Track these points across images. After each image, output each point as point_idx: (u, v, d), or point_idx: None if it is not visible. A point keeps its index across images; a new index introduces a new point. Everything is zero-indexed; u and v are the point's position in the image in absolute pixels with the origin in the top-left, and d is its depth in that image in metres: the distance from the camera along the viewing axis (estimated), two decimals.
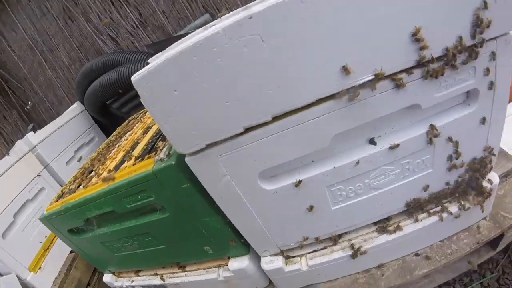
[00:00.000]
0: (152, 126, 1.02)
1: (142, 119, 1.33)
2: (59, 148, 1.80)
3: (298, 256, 0.89)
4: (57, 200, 0.95)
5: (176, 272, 1.00)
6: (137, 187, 0.72)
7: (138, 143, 0.94)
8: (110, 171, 0.83)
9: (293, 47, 0.46)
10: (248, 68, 0.47)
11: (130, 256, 1.00)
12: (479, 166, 0.76)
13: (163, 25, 2.16)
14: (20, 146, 1.65)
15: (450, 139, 0.67)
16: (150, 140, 0.88)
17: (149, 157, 0.73)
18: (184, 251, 0.94)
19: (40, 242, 1.46)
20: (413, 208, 0.79)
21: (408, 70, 0.54)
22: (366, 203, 0.72)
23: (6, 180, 1.44)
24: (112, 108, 2.07)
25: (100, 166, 0.96)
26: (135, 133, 1.10)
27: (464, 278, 1.23)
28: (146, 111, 1.51)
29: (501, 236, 0.93)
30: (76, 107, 2.06)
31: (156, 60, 0.48)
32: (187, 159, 0.61)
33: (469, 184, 0.80)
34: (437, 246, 0.92)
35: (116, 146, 1.08)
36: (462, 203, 0.82)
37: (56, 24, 2.22)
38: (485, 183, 0.80)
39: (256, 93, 0.49)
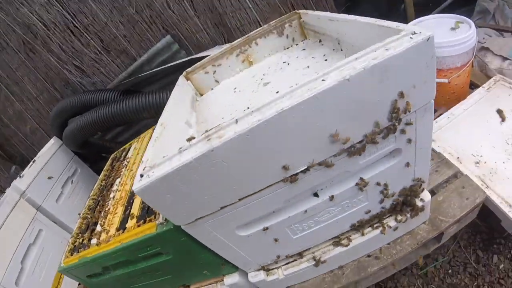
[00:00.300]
0: None
1: (126, 162, 1.57)
2: (46, 187, 1.99)
3: (275, 268, 1.21)
4: (71, 254, 1.20)
5: None
6: (145, 243, 0.99)
7: (133, 198, 1.21)
8: (117, 229, 1.09)
9: (247, 162, 0.71)
10: (216, 177, 0.71)
11: (142, 286, 1.30)
12: (410, 192, 1.04)
13: (126, 49, 2.31)
14: (10, 194, 1.81)
15: (378, 184, 0.96)
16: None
17: (150, 220, 1.00)
18: (187, 276, 1.26)
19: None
20: (358, 227, 1.11)
21: (335, 155, 0.81)
22: (318, 231, 1.02)
23: (5, 231, 1.63)
24: (92, 138, 2.27)
25: (104, 220, 1.21)
26: (126, 183, 1.35)
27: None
28: (127, 149, 1.74)
29: (441, 234, 1.25)
30: (54, 143, 2.21)
31: (149, 178, 0.72)
32: (183, 226, 0.87)
33: (404, 203, 1.11)
34: (384, 248, 1.23)
35: (112, 197, 1.33)
36: (399, 218, 1.13)
37: (18, 57, 2.29)
38: (418, 201, 1.07)
39: (225, 189, 0.75)
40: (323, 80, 0.67)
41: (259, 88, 1.16)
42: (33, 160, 2.13)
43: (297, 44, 1.47)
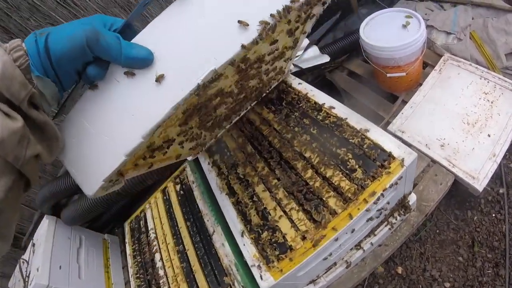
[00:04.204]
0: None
1: (152, 233, 1.90)
2: (64, 269, 2.20)
3: (318, 278, 1.78)
4: None
5: None
6: None
7: (193, 274, 1.58)
8: None
9: None
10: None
11: None
12: (403, 200, 1.60)
13: None
14: None
15: (382, 209, 1.48)
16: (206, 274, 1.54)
17: None
18: None
19: None
20: (371, 232, 1.66)
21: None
22: (347, 247, 1.55)
23: None
24: None
25: None
26: (173, 258, 1.67)
27: None
28: (141, 216, 2.06)
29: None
30: (49, 222, 2.36)
31: None
32: None
33: (398, 207, 1.67)
34: (390, 236, 1.84)
35: (164, 275, 1.67)
36: (396, 216, 1.71)
37: None
38: (407, 203, 1.64)
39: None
40: None
41: None
42: (31, 243, 2.32)
43: None
